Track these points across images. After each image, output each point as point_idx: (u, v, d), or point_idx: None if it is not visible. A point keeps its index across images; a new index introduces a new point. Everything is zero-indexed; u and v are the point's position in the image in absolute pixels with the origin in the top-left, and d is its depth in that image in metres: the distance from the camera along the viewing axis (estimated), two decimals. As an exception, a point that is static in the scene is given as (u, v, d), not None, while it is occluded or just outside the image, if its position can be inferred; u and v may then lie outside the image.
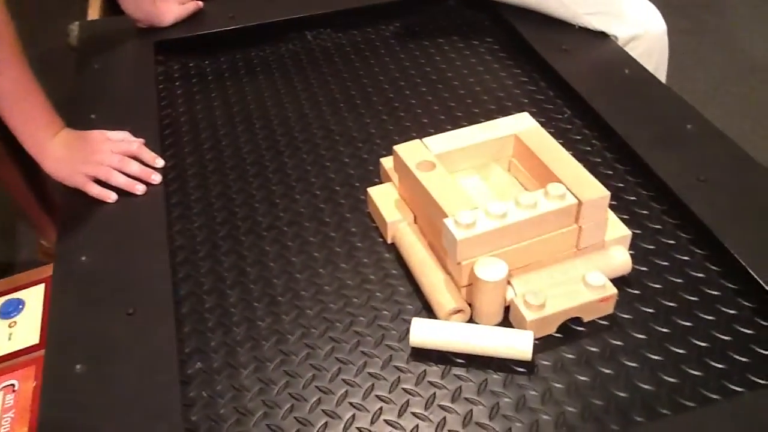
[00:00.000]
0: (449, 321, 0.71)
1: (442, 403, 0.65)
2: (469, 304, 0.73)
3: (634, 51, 1.14)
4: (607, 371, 0.68)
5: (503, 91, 1.06)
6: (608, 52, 1.11)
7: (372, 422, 0.65)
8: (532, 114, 0.84)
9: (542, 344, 0.70)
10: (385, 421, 0.65)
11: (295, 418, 0.65)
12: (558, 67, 1.06)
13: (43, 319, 0.88)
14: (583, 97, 0.99)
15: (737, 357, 0.68)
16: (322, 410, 0.66)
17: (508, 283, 0.71)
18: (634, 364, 0.68)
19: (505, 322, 0.72)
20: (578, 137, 0.96)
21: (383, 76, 1.11)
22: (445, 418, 0.64)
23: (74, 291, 0.77)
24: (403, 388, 0.67)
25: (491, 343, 0.68)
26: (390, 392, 0.67)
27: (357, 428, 0.64)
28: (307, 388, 0.68)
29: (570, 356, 0.69)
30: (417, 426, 0.64)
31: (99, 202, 0.88)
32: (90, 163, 0.89)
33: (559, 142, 0.79)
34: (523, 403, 0.65)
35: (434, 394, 0.66)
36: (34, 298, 0.92)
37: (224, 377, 0.69)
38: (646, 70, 1.06)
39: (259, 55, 1.19)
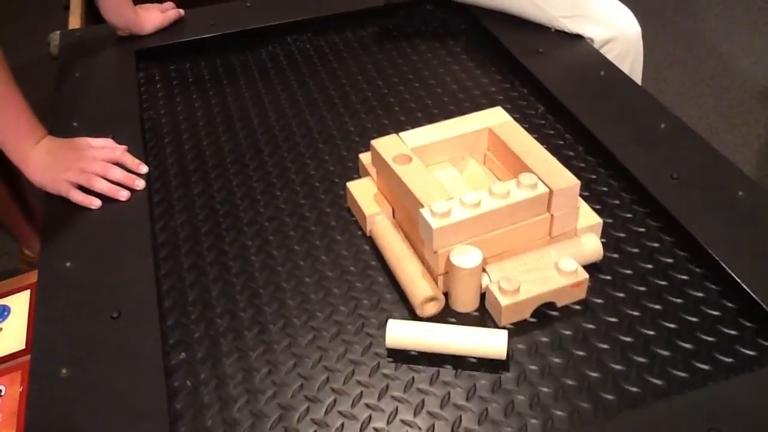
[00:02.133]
0: (424, 313, 0.73)
1: (410, 365, 0.67)
2: (446, 293, 0.75)
3: (610, 53, 1.17)
4: (580, 353, 0.70)
5: (479, 89, 1.09)
6: (584, 55, 1.13)
7: (353, 405, 0.66)
8: (507, 111, 0.86)
9: (517, 329, 0.72)
10: (366, 404, 0.66)
11: (278, 403, 0.67)
12: (534, 69, 1.08)
13: (28, 324, 0.89)
14: (558, 98, 1.01)
15: (704, 337, 0.70)
16: (304, 396, 0.68)
17: (484, 270, 0.73)
18: (605, 346, 0.70)
19: (481, 308, 0.74)
20: (551, 132, 0.99)
21: (361, 76, 1.14)
22: (413, 377, 0.66)
23: (59, 296, 0.78)
24: (383, 373, 0.69)
25: (466, 342, 0.69)
26: (370, 377, 0.69)
27: (338, 411, 0.66)
28: (289, 374, 0.70)
29: (544, 340, 0.71)
30: (387, 386, 0.66)
31: (82, 209, 0.89)
32: (73, 170, 0.90)
33: (533, 137, 0.81)
34: (498, 385, 0.67)
35: (413, 378, 0.68)
36: (19, 304, 0.92)
37: (207, 367, 0.71)
38: (621, 72, 1.09)
39: (240, 59, 1.21)
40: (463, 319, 0.74)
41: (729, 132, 2.13)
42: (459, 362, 0.70)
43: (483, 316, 0.74)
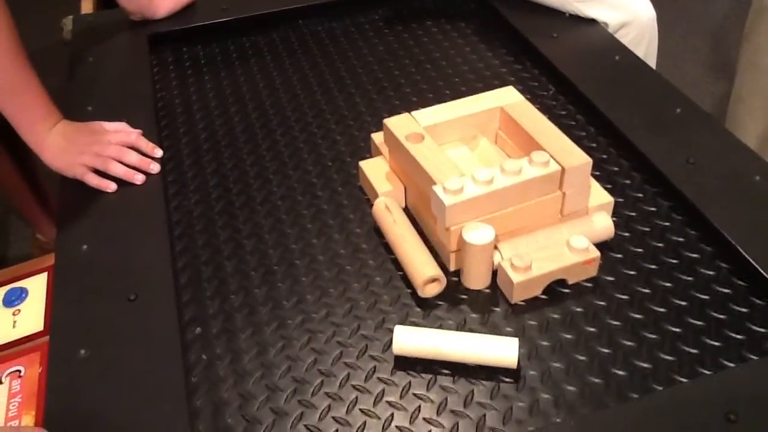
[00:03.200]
0: (426, 294, 0.73)
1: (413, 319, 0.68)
2: (458, 270, 0.76)
3: (624, 38, 1.17)
4: (591, 330, 0.70)
5: (490, 71, 1.09)
6: (598, 39, 1.13)
7: (365, 380, 0.67)
8: (519, 91, 0.86)
9: (529, 306, 0.73)
10: (378, 378, 0.67)
11: (292, 377, 0.68)
12: (547, 52, 1.08)
13: (46, 306, 0.90)
14: (572, 81, 1.01)
15: (714, 314, 0.71)
16: (318, 370, 0.68)
17: (495, 247, 0.74)
18: (616, 323, 0.71)
19: (493, 285, 0.75)
20: (563, 112, 0.99)
21: (372, 58, 1.14)
22: (435, 374, 0.67)
23: (76, 279, 0.78)
24: (388, 328, 0.70)
25: (476, 351, 0.67)
26: (383, 352, 0.69)
27: (352, 385, 0.67)
28: (303, 350, 0.70)
29: (555, 317, 0.72)
30: (401, 360, 0.67)
31: (98, 192, 0.90)
32: (88, 154, 0.91)
33: (546, 117, 0.81)
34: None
35: (425, 353, 0.69)
36: (37, 286, 0.93)
37: (222, 341, 0.72)
38: (635, 56, 1.08)
39: (252, 43, 1.22)
40: (475, 296, 0.74)
41: (746, 115, 2.11)
42: (471, 338, 0.70)
43: (495, 293, 0.74)
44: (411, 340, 0.68)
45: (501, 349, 0.66)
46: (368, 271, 0.78)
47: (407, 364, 0.68)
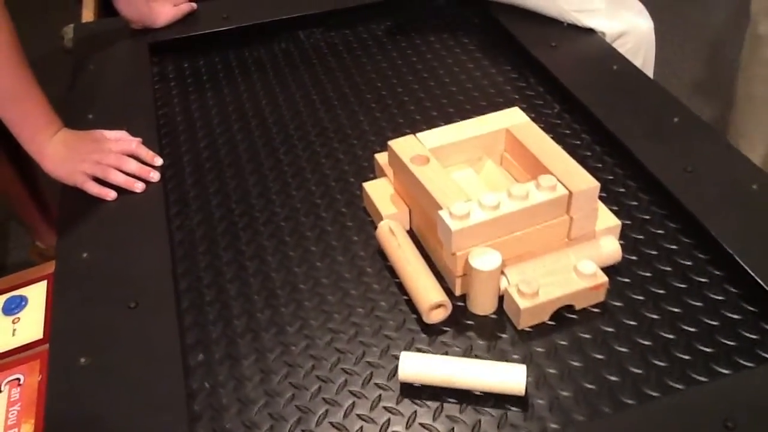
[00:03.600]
0: (431, 320, 0.72)
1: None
2: (464, 295, 0.75)
3: (622, 47, 1.17)
4: (599, 356, 0.70)
5: (493, 87, 1.08)
6: (596, 49, 1.13)
7: (371, 409, 0.66)
8: (523, 109, 0.85)
9: (536, 332, 0.72)
10: (384, 407, 0.66)
11: (296, 406, 0.67)
12: (547, 63, 1.08)
13: (46, 314, 0.89)
14: (572, 92, 1.01)
15: (724, 341, 0.70)
16: (323, 398, 0.68)
17: (502, 272, 0.73)
18: (624, 349, 0.70)
19: (500, 311, 0.74)
20: (568, 131, 0.98)
21: (375, 74, 1.13)
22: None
23: (76, 286, 0.78)
24: (393, 355, 0.69)
25: (484, 378, 0.66)
26: (388, 380, 0.69)
27: (357, 415, 0.66)
28: (307, 377, 0.69)
29: (563, 343, 0.71)
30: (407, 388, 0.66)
31: (98, 201, 0.89)
32: (89, 162, 0.90)
33: (549, 137, 0.80)
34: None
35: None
36: (36, 294, 0.93)
37: (225, 368, 0.71)
38: (633, 66, 1.08)
39: (253, 54, 1.21)
40: (481, 322, 0.73)
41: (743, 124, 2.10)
42: (477, 365, 0.69)
43: (501, 319, 0.74)
44: (417, 366, 0.67)
45: (508, 376, 0.65)
46: (373, 295, 0.77)
47: (413, 392, 0.67)
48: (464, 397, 0.67)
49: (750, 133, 1.51)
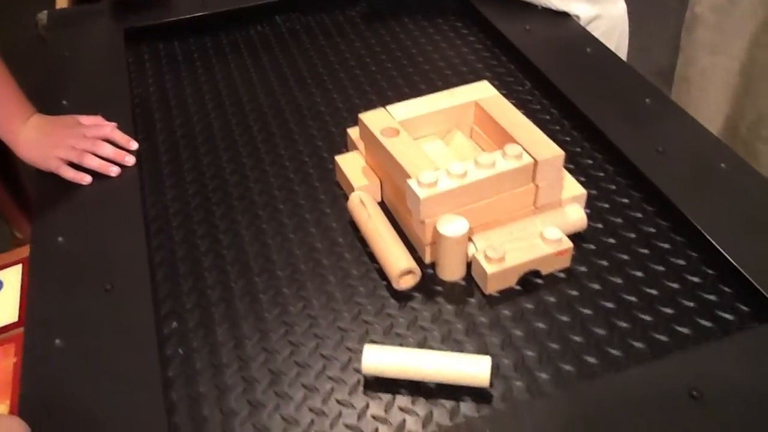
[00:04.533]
0: (401, 286, 0.74)
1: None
2: (434, 263, 0.77)
3: (596, 31, 1.18)
4: (564, 319, 0.71)
5: (466, 66, 1.10)
6: (570, 32, 1.14)
7: (342, 370, 0.68)
8: (494, 86, 0.87)
9: (503, 296, 0.74)
10: (354, 369, 0.68)
11: (268, 369, 0.68)
12: (521, 45, 1.09)
13: (21, 297, 0.90)
14: (544, 74, 1.03)
15: (684, 302, 0.72)
16: (294, 361, 0.69)
17: (470, 239, 0.75)
18: (588, 312, 0.72)
19: (468, 277, 0.76)
20: (537, 107, 1.00)
21: (350, 54, 1.15)
22: (401, 343, 0.68)
23: (52, 270, 0.79)
24: (372, 340, 0.70)
25: (448, 370, 0.65)
26: (359, 343, 0.70)
27: (327, 376, 0.67)
28: (279, 342, 0.71)
29: (529, 306, 0.73)
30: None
31: (73, 185, 0.90)
32: (63, 147, 0.91)
33: (521, 112, 0.82)
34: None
35: (401, 344, 0.70)
36: (11, 278, 0.93)
37: (199, 335, 0.72)
38: (607, 48, 1.10)
39: (229, 38, 1.22)
40: (450, 288, 0.75)
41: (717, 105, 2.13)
42: (444, 331, 0.71)
43: (470, 285, 0.75)
44: (379, 364, 0.66)
45: (473, 369, 0.65)
46: (345, 264, 0.79)
47: (383, 355, 0.69)
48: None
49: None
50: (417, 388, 0.66)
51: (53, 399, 0.66)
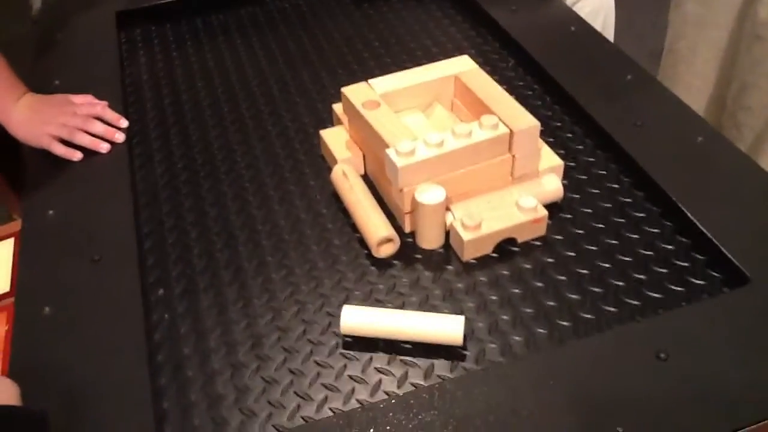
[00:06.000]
0: (380, 254, 0.76)
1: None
2: (413, 231, 0.79)
3: (582, 11, 1.20)
4: (538, 284, 0.73)
5: (452, 44, 1.12)
6: (556, 11, 1.16)
7: (321, 333, 0.70)
8: (478, 63, 0.89)
9: (480, 263, 0.76)
10: (333, 332, 0.70)
11: (250, 332, 0.71)
12: (506, 24, 1.11)
13: (13, 269, 0.92)
14: (527, 51, 1.04)
15: (656, 269, 0.74)
16: (276, 326, 0.71)
17: (448, 209, 0.77)
18: (562, 278, 0.74)
19: (446, 245, 0.78)
20: (521, 83, 1.02)
21: (338, 34, 1.16)
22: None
23: (42, 242, 0.81)
24: (344, 286, 0.72)
25: (422, 328, 0.68)
26: (338, 308, 0.72)
27: (308, 339, 0.70)
28: (261, 308, 0.73)
29: (505, 273, 0.75)
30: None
31: (64, 161, 0.92)
32: (54, 124, 0.92)
33: (503, 88, 0.83)
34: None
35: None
36: (4, 251, 0.95)
37: (185, 302, 0.74)
38: (591, 27, 1.11)
39: (219, 19, 1.23)
40: (429, 255, 0.77)
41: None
42: (422, 297, 0.73)
43: (447, 252, 0.77)
44: (356, 323, 0.68)
45: (447, 327, 0.67)
46: (327, 234, 0.81)
47: (362, 319, 0.71)
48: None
49: (672, 88, 1.54)
50: (393, 350, 0.68)
51: (42, 365, 0.68)
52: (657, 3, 2.59)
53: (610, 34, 1.30)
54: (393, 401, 0.61)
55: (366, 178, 0.86)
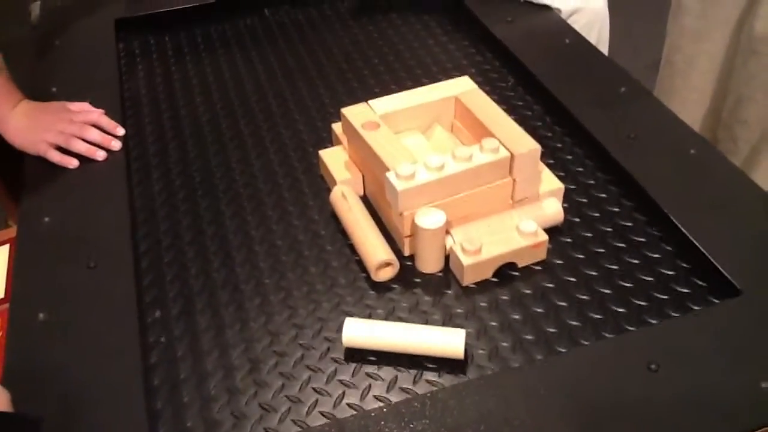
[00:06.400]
0: (379, 278, 0.76)
1: (385, 341, 0.70)
2: (412, 255, 0.78)
3: (576, 24, 1.20)
4: (538, 310, 0.73)
5: (451, 61, 1.11)
6: (551, 24, 1.16)
7: (319, 359, 0.69)
8: (478, 82, 0.88)
9: (479, 288, 0.76)
10: (332, 358, 0.69)
11: (247, 357, 0.70)
12: (502, 37, 1.11)
13: (8, 275, 0.92)
14: (524, 64, 1.04)
15: (657, 295, 0.74)
16: (273, 351, 0.71)
17: (448, 233, 0.76)
18: (562, 303, 0.73)
19: (446, 269, 0.77)
20: (520, 103, 1.02)
21: (337, 49, 1.16)
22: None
23: (37, 248, 0.81)
24: (343, 310, 0.71)
25: (424, 341, 0.68)
26: (337, 332, 0.71)
27: (306, 365, 0.69)
28: (259, 331, 0.72)
29: (504, 298, 0.74)
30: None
31: (60, 168, 0.91)
32: (51, 131, 0.92)
33: (502, 108, 0.83)
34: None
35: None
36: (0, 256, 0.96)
37: (181, 323, 0.74)
38: (585, 40, 1.11)
39: (219, 31, 1.23)
40: (428, 280, 0.77)
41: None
42: (421, 321, 0.73)
43: (447, 276, 0.77)
44: (359, 334, 0.69)
45: (448, 341, 0.67)
46: (326, 255, 0.80)
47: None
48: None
49: (668, 100, 1.54)
50: (394, 379, 0.67)
51: (36, 370, 0.68)
52: (655, 14, 2.61)
53: (604, 47, 1.30)
54: (385, 410, 0.61)
55: (365, 199, 0.86)
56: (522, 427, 0.59)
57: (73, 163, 0.91)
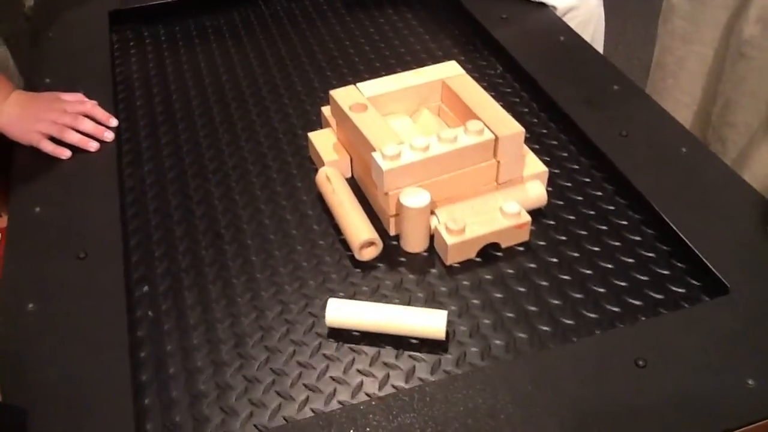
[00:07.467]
0: (363, 257, 0.77)
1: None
2: (398, 235, 0.79)
3: (572, 21, 1.21)
4: (520, 289, 0.74)
5: (442, 50, 1.13)
6: (545, 21, 1.17)
7: (304, 334, 0.70)
8: (468, 70, 0.89)
9: (463, 267, 0.77)
10: (316, 332, 0.71)
11: (233, 332, 0.71)
12: (496, 33, 1.12)
13: (-1, 265, 0.92)
14: (516, 60, 1.05)
15: (637, 275, 0.75)
16: (259, 325, 0.72)
17: (433, 213, 0.77)
18: (544, 283, 0.75)
19: (431, 249, 0.79)
20: (508, 90, 1.03)
21: (329, 38, 1.17)
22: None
23: (28, 238, 0.81)
24: (328, 287, 0.73)
25: (406, 321, 0.69)
26: (321, 309, 0.72)
27: (291, 340, 0.70)
28: (245, 306, 0.73)
29: (487, 277, 0.76)
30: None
31: (52, 159, 0.92)
32: (44, 122, 0.93)
33: (491, 94, 0.84)
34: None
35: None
36: (-11, 247, 0.96)
37: (169, 299, 0.75)
38: (580, 37, 1.12)
39: (213, 22, 1.24)
40: (413, 259, 0.78)
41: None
42: (405, 299, 0.74)
43: (431, 256, 0.78)
44: (341, 314, 0.70)
45: (430, 322, 0.68)
46: (312, 235, 0.81)
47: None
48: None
49: (659, 101, 1.55)
50: (377, 354, 0.68)
51: (25, 360, 0.68)
52: (649, 17, 2.63)
53: (599, 45, 1.31)
54: (373, 403, 0.62)
55: (353, 180, 0.87)
56: (509, 421, 0.60)
57: (65, 154, 0.92)
